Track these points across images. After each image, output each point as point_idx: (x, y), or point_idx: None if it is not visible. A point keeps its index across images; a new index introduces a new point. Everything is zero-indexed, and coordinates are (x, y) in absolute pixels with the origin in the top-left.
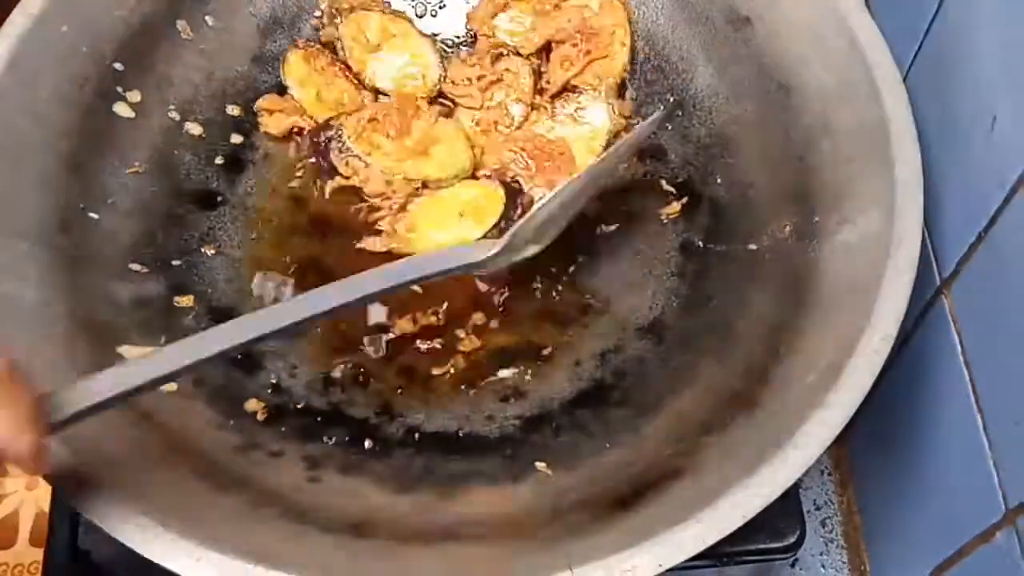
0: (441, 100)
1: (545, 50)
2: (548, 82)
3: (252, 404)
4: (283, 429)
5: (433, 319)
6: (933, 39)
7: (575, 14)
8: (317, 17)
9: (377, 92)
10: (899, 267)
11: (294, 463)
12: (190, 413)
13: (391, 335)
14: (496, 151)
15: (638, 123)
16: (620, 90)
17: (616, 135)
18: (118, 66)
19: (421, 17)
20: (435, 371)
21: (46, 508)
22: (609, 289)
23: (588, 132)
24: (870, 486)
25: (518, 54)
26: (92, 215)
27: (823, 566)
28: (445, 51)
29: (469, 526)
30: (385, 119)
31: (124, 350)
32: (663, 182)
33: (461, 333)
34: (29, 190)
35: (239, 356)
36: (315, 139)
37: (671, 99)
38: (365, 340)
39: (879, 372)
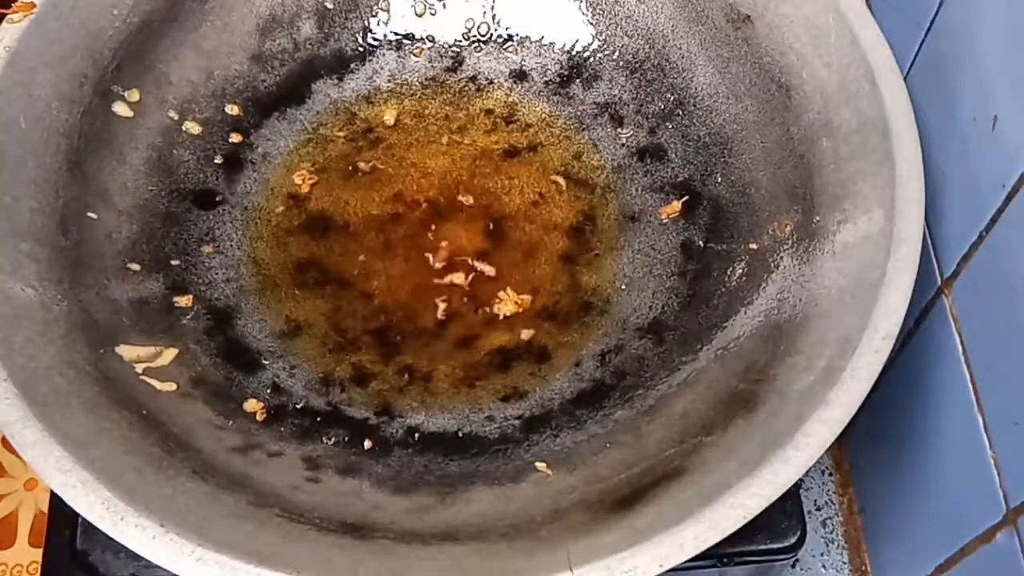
0: None
1: None
2: None
3: (251, 404)
4: (282, 429)
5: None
6: (934, 38)
7: None
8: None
9: None
10: (900, 267)
11: (293, 463)
12: (189, 413)
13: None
14: None
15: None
16: None
17: None
18: (117, 65)
19: (421, 16)
20: (435, 371)
21: (45, 508)
22: (609, 289)
23: None
24: (871, 486)
25: None
26: (91, 215)
27: (824, 567)
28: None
29: (469, 526)
30: None
31: (123, 350)
32: (663, 182)
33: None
34: (29, 190)
35: (238, 355)
36: None
37: (671, 98)
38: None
39: (879, 372)
